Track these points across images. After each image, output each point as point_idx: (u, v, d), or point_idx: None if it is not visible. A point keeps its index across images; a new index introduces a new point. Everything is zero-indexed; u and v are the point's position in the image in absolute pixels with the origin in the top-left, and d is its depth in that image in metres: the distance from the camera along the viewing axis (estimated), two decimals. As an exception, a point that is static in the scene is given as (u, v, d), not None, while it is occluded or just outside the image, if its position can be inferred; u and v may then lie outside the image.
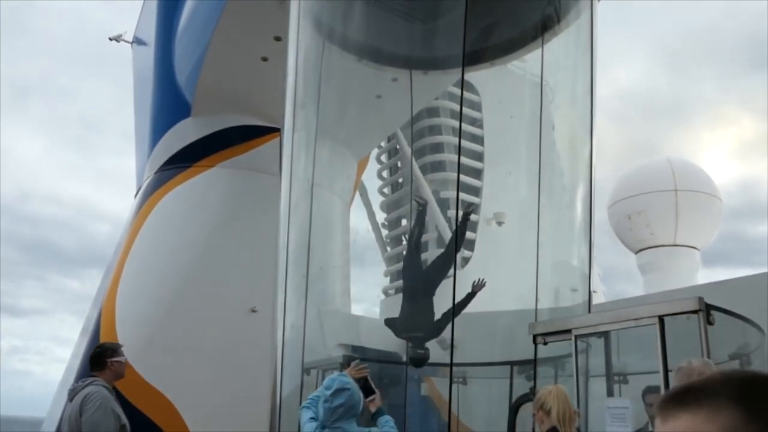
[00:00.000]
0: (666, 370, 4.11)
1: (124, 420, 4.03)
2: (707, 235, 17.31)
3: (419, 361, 6.76)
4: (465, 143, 12.27)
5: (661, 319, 3.79)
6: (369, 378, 3.46)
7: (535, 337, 4.59)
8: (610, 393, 4.54)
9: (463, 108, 12.66)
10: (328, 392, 2.99)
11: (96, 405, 3.80)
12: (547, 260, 7.41)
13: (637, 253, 17.84)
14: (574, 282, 7.63)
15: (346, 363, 7.01)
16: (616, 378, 7.26)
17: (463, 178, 12.21)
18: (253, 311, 10.05)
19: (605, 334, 4.15)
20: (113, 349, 4.26)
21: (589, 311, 5.55)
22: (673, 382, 3.15)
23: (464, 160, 12.36)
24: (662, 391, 4.06)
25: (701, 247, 17.33)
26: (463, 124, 12.70)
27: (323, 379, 7.65)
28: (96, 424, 3.76)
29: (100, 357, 4.13)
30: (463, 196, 12.29)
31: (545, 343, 4.53)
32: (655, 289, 15.48)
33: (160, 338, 9.57)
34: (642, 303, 4.23)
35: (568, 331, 4.38)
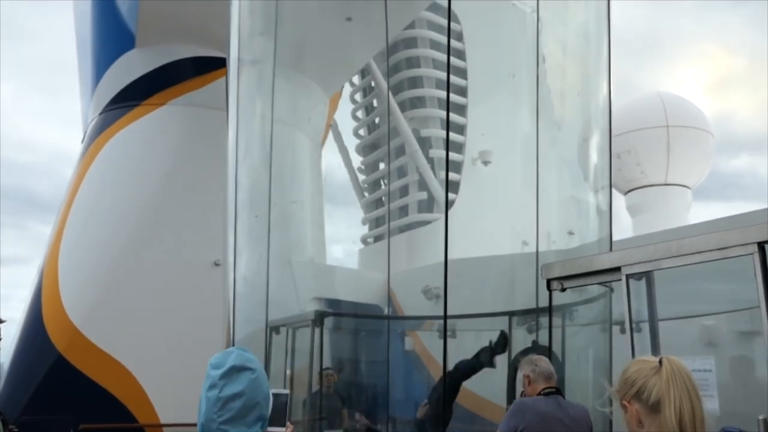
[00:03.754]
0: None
1: None
2: (699, 172, 16.59)
3: None
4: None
5: (761, 246, 2.78)
6: (288, 399, 2.10)
7: (549, 282, 3.66)
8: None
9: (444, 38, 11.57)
10: (217, 373, 1.73)
11: None
12: (543, 200, 6.59)
13: (626, 194, 17.10)
14: (571, 224, 6.86)
15: (318, 319, 6.12)
16: (626, 327, 6.47)
17: (445, 114, 11.26)
18: (217, 265, 9.10)
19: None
20: None
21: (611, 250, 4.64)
22: (522, 368, 3.36)
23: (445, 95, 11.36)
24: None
25: (693, 186, 16.62)
26: (444, 56, 11.69)
27: (294, 338, 6.84)
28: None
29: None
30: (444, 134, 11.37)
31: (563, 289, 3.61)
32: (645, 231, 14.82)
33: (111, 299, 8.58)
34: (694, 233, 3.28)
35: (593, 273, 3.46)
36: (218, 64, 9.35)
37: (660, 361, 1.55)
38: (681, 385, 1.48)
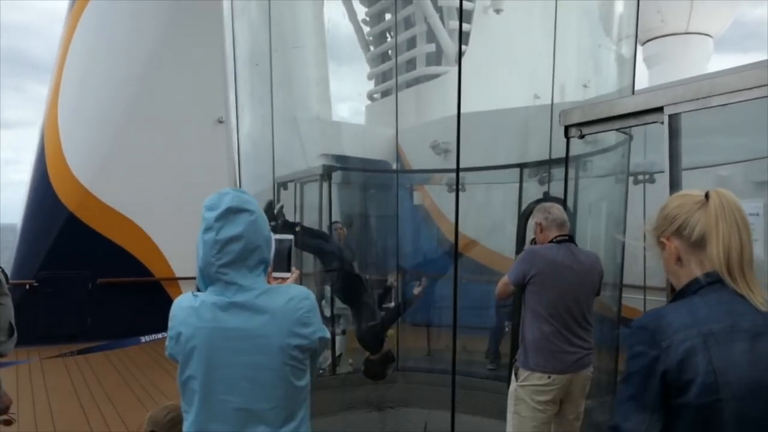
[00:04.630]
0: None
1: (0, 276, 2.94)
2: (723, 19, 15.70)
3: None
4: None
5: None
6: (292, 244, 1.80)
7: (567, 128, 3.48)
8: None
9: None
10: (212, 214, 1.60)
11: None
12: (560, 51, 6.19)
13: (644, 44, 16.33)
14: (588, 76, 6.53)
15: (326, 173, 6.03)
16: (640, 177, 6.35)
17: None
18: (221, 121, 8.94)
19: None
20: None
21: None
22: (535, 216, 3.37)
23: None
24: None
25: (715, 34, 15.81)
26: None
27: (302, 194, 6.80)
28: None
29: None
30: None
31: (582, 136, 3.44)
32: (661, 81, 14.34)
33: (117, 157, 8.51)
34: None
35: (615, 119, 3.26)
36: None
37: (707, 195, 1.37)
38: (731, 219, 1.32)
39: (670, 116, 2.96)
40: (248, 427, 1.53)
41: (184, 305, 1.62)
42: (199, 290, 1.65)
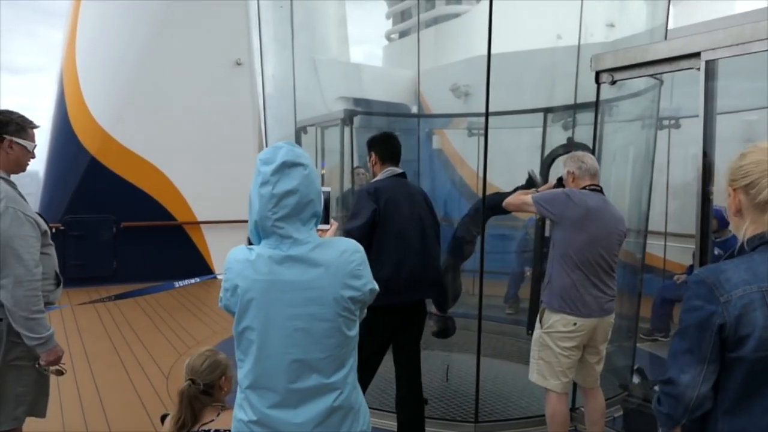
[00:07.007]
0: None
1: (45, 226, 2.90)
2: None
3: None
4: None
5: None
6: (329, 196, 1.88)
7: (598, 74, 3.43)
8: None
9: None
10: (269, 168, 1.60)
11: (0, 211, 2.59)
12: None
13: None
14: (612, 16, 6.33)
15: (347, 118, 6.00)
16: (665, 123, 6.26)
17: None
18: (239, 64, 8.88)
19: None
20: (20, 126, 2.66)
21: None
22: (567, 164, 3.30)
23: None
24: None
25: (745, -31, 15.19)
26: None
27: (323, 138, 6.77)
28: (9, 238, 2.58)
29: (-3, 129, 2.70)
30: None
31: (613, 82, 3.39)
32: (686, 23, 13.89)
33: (136, 102, 8.49)
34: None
35: (649, 64, 3.20)
36: None
37: None
38: None
39: (707, 62, 2.90)
40: (302, 376, 1.59)
41: (240, 258, 1.64)
42: (251, 243, 1.68)
